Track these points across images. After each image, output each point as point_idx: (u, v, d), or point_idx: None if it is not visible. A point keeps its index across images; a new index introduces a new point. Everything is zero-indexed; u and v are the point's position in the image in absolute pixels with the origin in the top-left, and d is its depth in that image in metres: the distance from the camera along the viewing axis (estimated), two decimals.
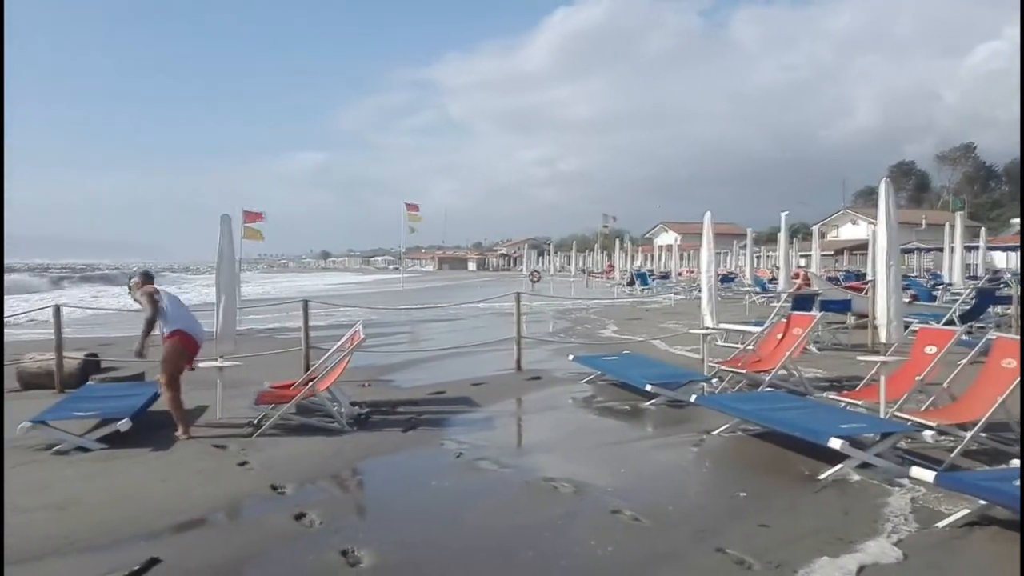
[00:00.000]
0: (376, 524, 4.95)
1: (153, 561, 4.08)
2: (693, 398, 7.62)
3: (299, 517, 4.81)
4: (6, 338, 16.58)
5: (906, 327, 7.50)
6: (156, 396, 7.46)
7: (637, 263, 52.47)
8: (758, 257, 37.50)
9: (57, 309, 9.94)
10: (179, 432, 6.94)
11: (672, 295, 28.10)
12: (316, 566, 4.09)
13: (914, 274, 35.18)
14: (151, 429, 7.12)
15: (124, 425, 6.65)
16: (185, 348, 7.15)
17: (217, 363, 7.61)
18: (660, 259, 52.08)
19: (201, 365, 7.58)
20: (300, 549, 4.36)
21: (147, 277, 7.52)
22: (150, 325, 7.14)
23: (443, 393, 9.21)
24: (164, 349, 7.16)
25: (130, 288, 7.60)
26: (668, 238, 65.24)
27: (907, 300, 15.54)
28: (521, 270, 52.77)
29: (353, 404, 8.02)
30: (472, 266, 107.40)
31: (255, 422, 7.18)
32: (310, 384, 7.29)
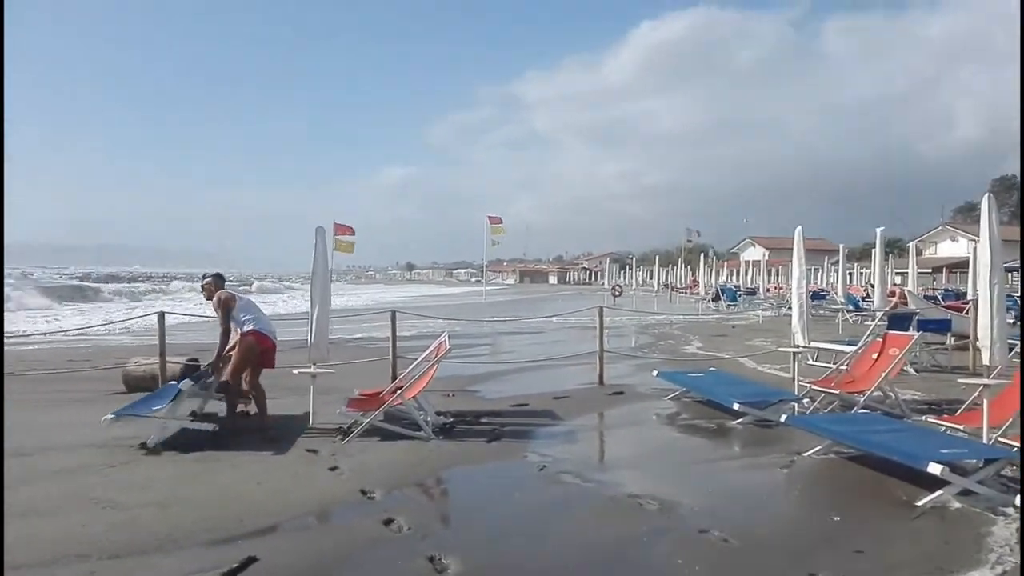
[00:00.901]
0: (462, 533, 5.01)
1: (251, 560, 4.25)
2: (784, 418, 7.43)
3: (388, 522, 4.92)
4: (111, 342, 17.62)
5: (1010, 349, 7.12)
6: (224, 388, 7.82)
7: (722, 278, 51.40)
8: (850, 274, 36.19)
9: (161, 316, 10.48)
10: (246, 408, 7.78)
11: (760, 312, 27.41)
12: (405, 571, 4.18)
13: (1017, 294, 33.26)
14: (247, 433, 7.43)
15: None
16: (259, 345, 7.59)
17: (311, 370, 7.88)
18: (747, 274, 50.86)
19: (296, 371, 7.87)
20: (389, 554, 4.47)
21: (220, 279, 7.95)
22: (226, 336, 7.64)
23: (526, 405, 9.25)
24: (239, 347, 7.60)
25: (203, 288, 8.04)
26: (755, 253, 63.69)
27: (1011, 321, 14.73)
28: (602, 284, 52.50)
29: (438, 414, 8.15)
30: (553, 279, 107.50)
31: (346, 428, 7.39)
32: (398, 392, 7.46)
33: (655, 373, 10.50)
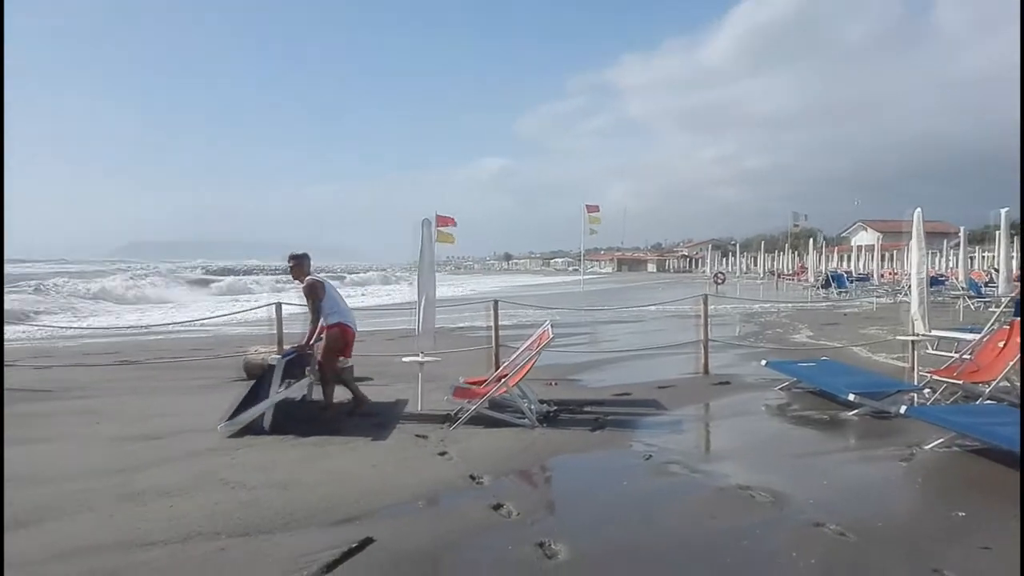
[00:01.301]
0: (570, 519, 5.05)
1: (369, 540, 4.43)
2: (903, 409, 7.09)
3: (497, 508, 5.02)
4: (231, 332, 18.61)
5: None
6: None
7: (832, 264, 49.37)
8: (971, 258, 34.05)
9: (279, 306, 11.00)
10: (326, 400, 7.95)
11: (873, 299, 26.19)
12: (515, 556, 4.26)
13: None
14: (361, 418, 7.73)
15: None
16: (343, 336, 7.92)
17: (419, 358, 8.11)
18: (858, 260, 48.65)
19: (404, 359, 8.11)
20: (499, 538, 4.56)
21: (305, 259, 8.13)
22: (316, 322, 7.94)
23: (629, 395, 9.21)
24: (325, 339, 7.90)
25: (291, 268, 8.23)
26: (867, 237, 60.83)
27: None
28: (703, 272, 51.40)
29: (541, 402, 8.23)
30: (651, 268, 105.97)
31: (452, 415, 7.57)
32: (502, 381, 7.58)
33: (764, 363, 10.22)
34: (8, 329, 18.96)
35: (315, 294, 7.93)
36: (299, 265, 8.09)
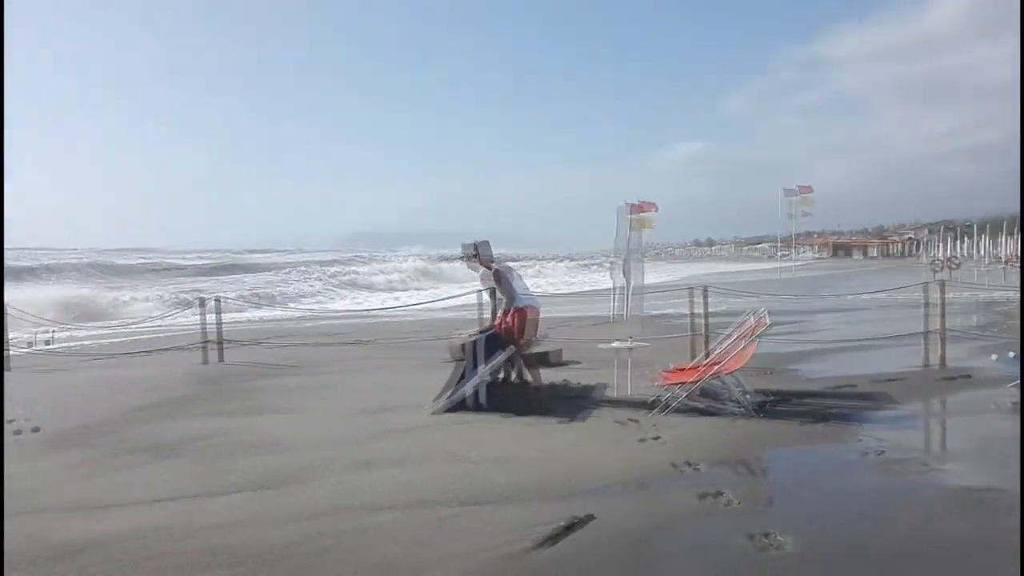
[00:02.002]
0: (793, 512, 4.83)
1: (589, 517, 4.52)
2: None
3: (713, 495, 4.91)
4: (447, 316, 19.68)
5: None
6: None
7: None
8: None
9: (492, 292, 11.45)
10: (531, 381, 8.49)
11: None
12: (735, 545, 4.14)
13: None
14: (570, 400, 7.90)
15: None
16: (528, 318, 8.35)
17: (627, 344, 8.12)
18: None
19: (613, 345, 8.16)
20: (717, 526, 4.48)
21: (483, 247, 8.52)
22: (505, 300, 8.35)
23: (852, 387, 8.62)
24: (516, 320, 8.27)
25: (471, 257, 8.56)
26: None
27: None
28: (929, 256, 46.78)
29: (756, 391, 7.93)
30: (872, 252, 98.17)
31: (661, 400, 7.50)
32: (715, 368, 7.39)
33: (1011, 355, 9.10)
34: (258, 314, 21.40)
35: (503, 279, 8.38)
36: (480, 253, 8.52)
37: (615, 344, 8.31)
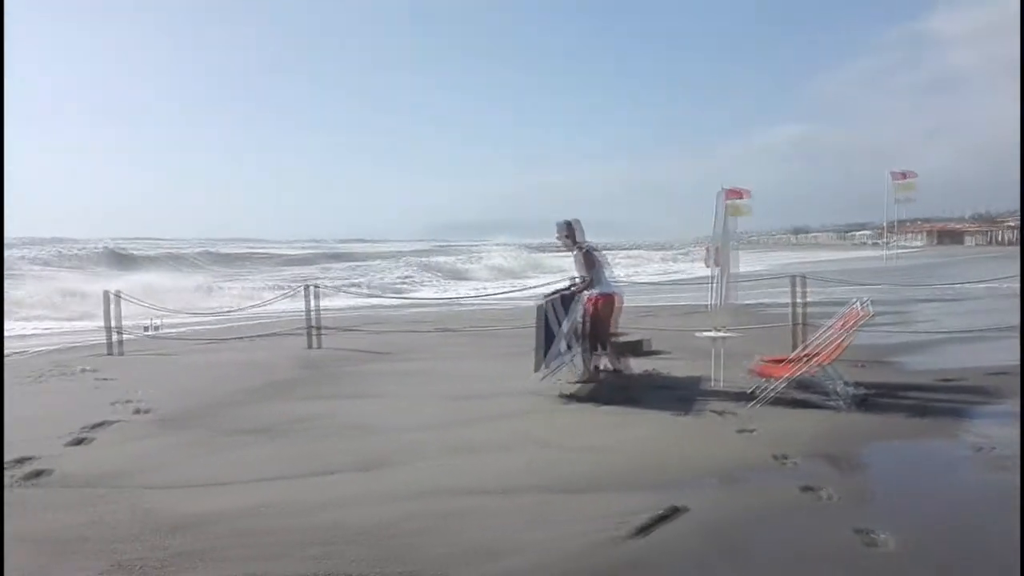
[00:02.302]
0: (894, 509, 4.69)
1: (684, 508, 4.53)
2: None
3: (810, 489, 4.84)
4: (527, 304, 19.79)
5: None
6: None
7: None
8: None
9: (584, 280, 11.45)
10: (619, 366, 8.57)
11: None
12: (834, 540, 4.08)
13: None
14: (661, 391, 7.87)
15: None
16: (613, 304, 8.35)
17: (720, 334, 8.01)
18: None
19: (704, 335, 8.07)
20: (814, 521, 4.41)
21: (570, 228, 8.53)
22: (591, 281, 8.35)
23: (955, 380, 8.24)
24: (599, 309, 8.28)
25: (563, 236, 8.62)
26: None
27: None
28: None
29: (854, 384, 7.69)
30: (979, 240, 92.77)
31: (754, 392, 7.38)
32: (811, 359, 7.21)
33: None
34: (353, 301, 22.10)
35: (593, 260, 8.43)
36: (572, 233, 8.55)
37: (708, 333, 8.21)
